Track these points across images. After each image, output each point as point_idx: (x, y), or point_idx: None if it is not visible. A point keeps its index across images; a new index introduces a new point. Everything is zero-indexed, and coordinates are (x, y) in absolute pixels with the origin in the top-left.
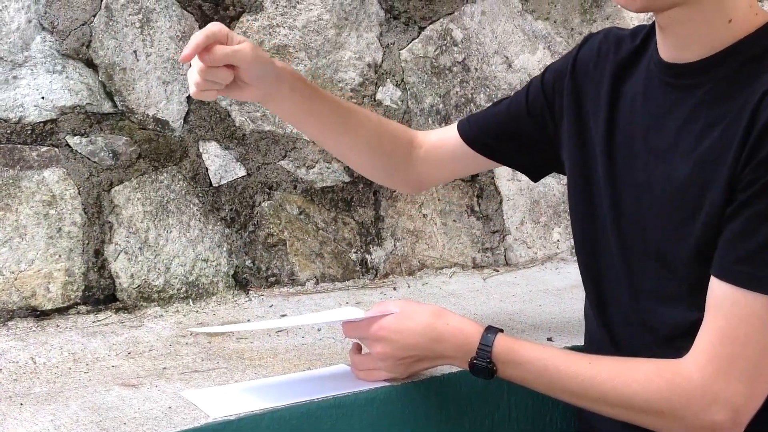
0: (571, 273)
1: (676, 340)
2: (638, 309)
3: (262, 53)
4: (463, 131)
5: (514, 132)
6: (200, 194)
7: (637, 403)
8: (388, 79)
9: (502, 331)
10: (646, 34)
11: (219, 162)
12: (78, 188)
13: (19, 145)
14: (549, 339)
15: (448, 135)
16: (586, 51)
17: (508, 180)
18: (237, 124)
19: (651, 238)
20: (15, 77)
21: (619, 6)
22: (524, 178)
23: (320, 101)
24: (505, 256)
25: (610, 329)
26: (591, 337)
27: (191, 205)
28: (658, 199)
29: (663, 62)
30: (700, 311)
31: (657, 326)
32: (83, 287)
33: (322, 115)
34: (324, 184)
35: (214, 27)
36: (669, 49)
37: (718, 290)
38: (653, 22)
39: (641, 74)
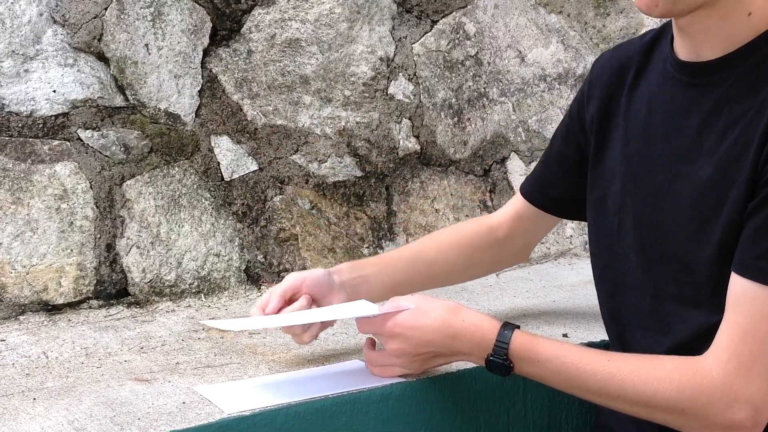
0: (585, 269)
1: (696, 343)
2: (659, 313)
3: (327, 278)
4: (525, 193)
5: (563, 171)
6: (212, 188)
7: (658, 401)
8: (401, 73)
9: (518, 327)
10: (656, 34)
11: (231, 156)
12: (90, 182)
13: (30, 139)
14: (564, 335)
15: (519, 203)
16: (597, 70)
17: (521, 175)
18: (249, 118)
19: (671, 241)
20: (26, 70)
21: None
22: None
23: (403, 270)
24: None
25: (622, 334)
26: None
27: (203, 200)
28: (680, 202)
29: (680, 61)
30: (722, 313)
31: (678, 330)
32: (95, 282)
33: (414, 277)
34: (336, 179)
35: (279, 292)
36: (687, 48)
37: (738, 286)
38: (664, 23)
39: (655, 76)
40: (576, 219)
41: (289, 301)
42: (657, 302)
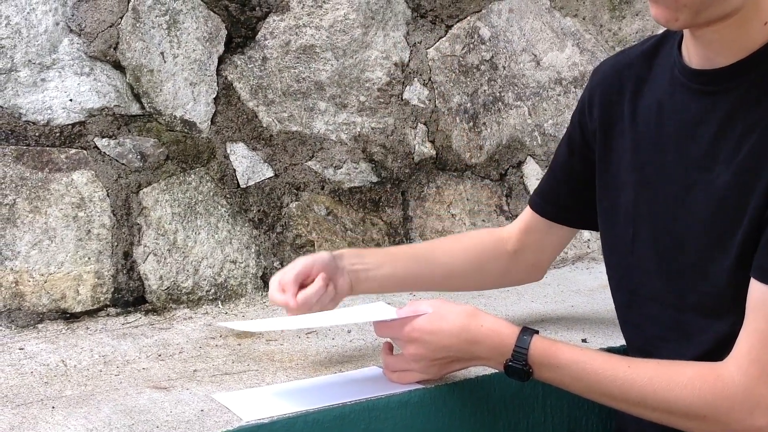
0: (603, 273)
1: (719, 352)
2: (679, 323)
3: (333, 261)
4: (534, 205)
5: (570, 180)
6: (228, 195)
7: (679, 408)
8: (416, 78)
9: (537, 332)
10: (658, 40)
11: (246, 163)
12: (107, 190)
13: (47, 148)
14: (584, 340)
15: (528, 216)
16: (597, 78)
17: (537, 179)
18: (264, 125)
19: (690, 251)
20: (43, 80)
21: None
22: None
23: (405, 265)
24: None
25: (642, 345)
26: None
27: (219, 207)
28: (698, 211)
29: (690, 69)
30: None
31: (700, 339)
32: (112, 289)
33: (415, 274)
34: (352, 185)
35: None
36: (699, 56)
37: (757, 292)
38: (666, 30)
39: (661, 83)
40: (586, 228)
41: (302, 285)
42: (677, 312)
